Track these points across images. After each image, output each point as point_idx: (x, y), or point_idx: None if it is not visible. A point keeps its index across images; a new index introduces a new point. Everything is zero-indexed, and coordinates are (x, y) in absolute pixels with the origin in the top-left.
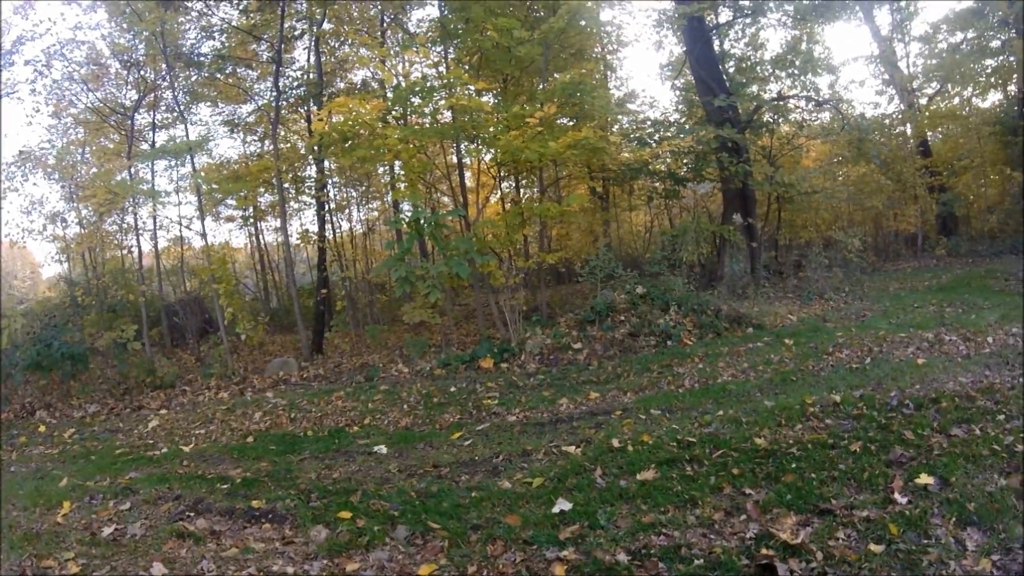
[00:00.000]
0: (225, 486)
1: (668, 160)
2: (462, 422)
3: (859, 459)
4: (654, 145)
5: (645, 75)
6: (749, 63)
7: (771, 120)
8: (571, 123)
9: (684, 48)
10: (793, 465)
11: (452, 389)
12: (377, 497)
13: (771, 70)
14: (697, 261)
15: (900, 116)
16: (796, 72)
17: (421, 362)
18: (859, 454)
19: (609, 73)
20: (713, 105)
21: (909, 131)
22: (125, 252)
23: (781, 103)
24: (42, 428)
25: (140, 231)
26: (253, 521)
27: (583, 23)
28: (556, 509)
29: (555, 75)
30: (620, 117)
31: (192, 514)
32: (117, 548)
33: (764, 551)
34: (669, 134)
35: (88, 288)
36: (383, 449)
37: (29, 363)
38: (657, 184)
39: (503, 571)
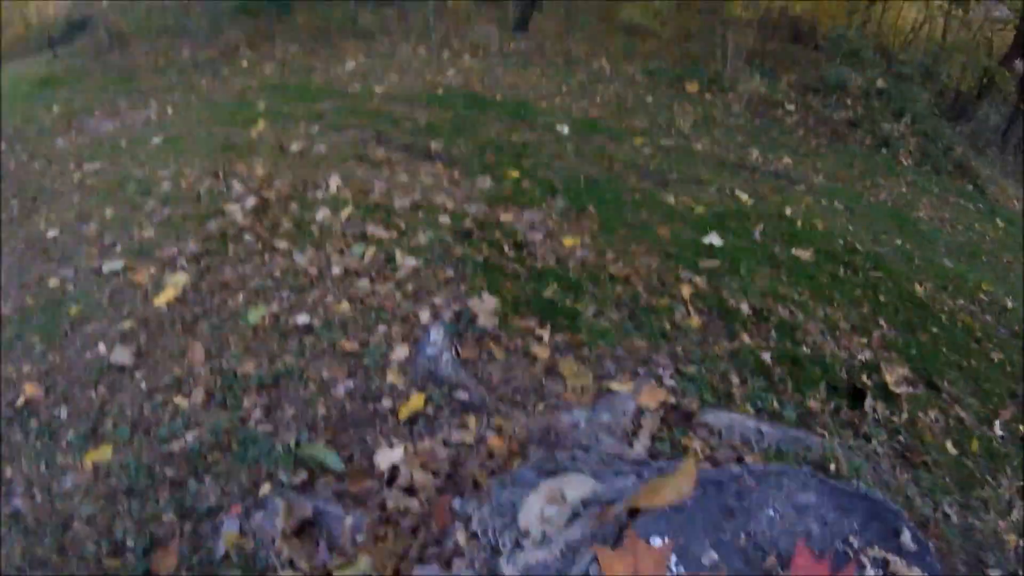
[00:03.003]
0: (408, 125)
1: None
2: (648, 131)
3: None
4: None
5: None
6: None
7: None
8: None
9: None
10: None
11: (649, 99)
12: (547, 167)
13: None
14: (954, 88)
15: None
16: None
17: (627, 64)
18: None
19: None
20: None
21: None
22: None
23: None
24: (244, 63)
25: None
26: (427, 159)
27: None
28: (706, 240)
29: None
30: None
31: (374, 143)
32: (302, 161)
33: None
34: None
35: None
36: (565, 130)
37: (236, 7)
38: None
39: (637, 268)
